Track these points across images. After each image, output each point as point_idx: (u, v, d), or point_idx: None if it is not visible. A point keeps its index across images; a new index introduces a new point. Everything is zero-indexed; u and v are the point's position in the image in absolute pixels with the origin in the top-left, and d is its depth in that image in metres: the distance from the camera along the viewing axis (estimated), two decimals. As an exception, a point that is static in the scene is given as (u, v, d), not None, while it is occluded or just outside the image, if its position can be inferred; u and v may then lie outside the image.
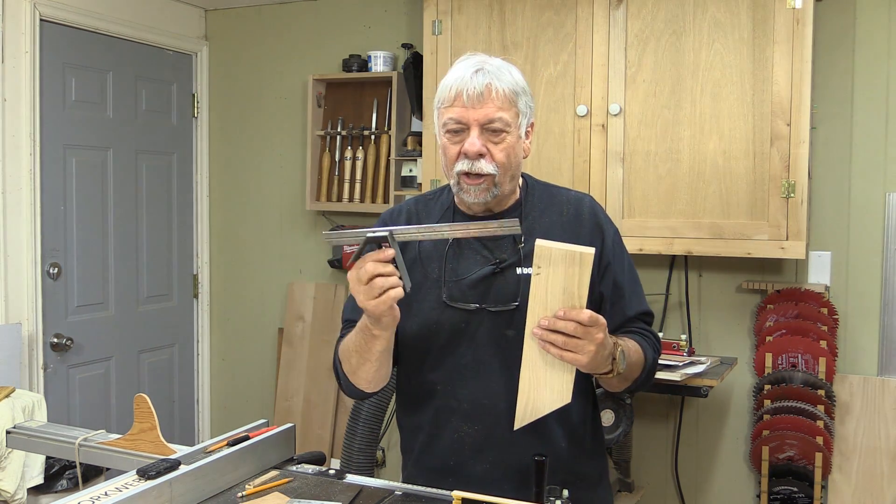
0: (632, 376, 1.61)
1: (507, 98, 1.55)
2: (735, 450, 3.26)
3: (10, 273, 3.25)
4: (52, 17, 3.37)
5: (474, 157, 1.54)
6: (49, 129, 3.39)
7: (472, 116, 1.54)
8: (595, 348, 1.41)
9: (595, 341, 1.41)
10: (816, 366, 2.96)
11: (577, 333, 1.39)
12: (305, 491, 1.56)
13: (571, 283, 1.39)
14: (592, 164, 2.97)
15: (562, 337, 1.40)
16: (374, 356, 1.54)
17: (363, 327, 1.51)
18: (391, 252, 1.40)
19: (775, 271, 3.15)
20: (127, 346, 3.83)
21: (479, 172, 1.55)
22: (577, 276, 1.39)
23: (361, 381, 1.61)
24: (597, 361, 1.44)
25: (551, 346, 1.41)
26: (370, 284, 1.40)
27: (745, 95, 2.78)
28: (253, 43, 4.09)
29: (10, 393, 2.84)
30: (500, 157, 1.56)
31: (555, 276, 1.39)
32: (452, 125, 1.56)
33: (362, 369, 1.57)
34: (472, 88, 1.53)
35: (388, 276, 1.39)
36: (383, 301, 1.40)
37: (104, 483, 1.46)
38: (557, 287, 1.40)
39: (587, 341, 1.40)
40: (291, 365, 3.97)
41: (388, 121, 3.69)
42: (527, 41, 3.05)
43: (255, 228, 4.13)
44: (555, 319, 1.39)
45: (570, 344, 1.40)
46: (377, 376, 1.59)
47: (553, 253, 1.38)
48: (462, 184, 1.58)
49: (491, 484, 1.54)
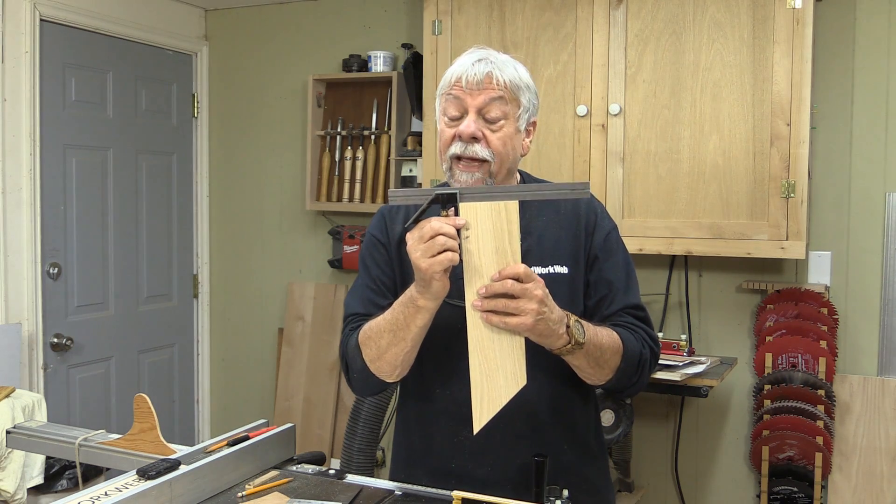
0: (605, 360, 1.52)
1: (508, 87, 1.53)
2: (735, 450, 3.26)
3: (10, 273, 3.25)
4: (52, 17, 3.37)
5: (468, 139, 1.51)
6: (49, 129, 3.39)
7: (470, 101, 1.52)
8: (537, 306, 1.34)
9: (534, 298, 1.34)
10: (816, 366, 2.96)
11: (515, 291, 1.34)
12: (305, 491, 1.56)
13: (502, 241, 1.35)
14: (592, 164, 2.97)
15: (502, 300, 1.34)
16: (411, 333, 1.46)
17: (406, 301, 1.45)
18: (462, 221, 1.35)
19: (775, 271, 3.15)
20: (127, 346, 3.83)
21: (472, 156, 1.52)
22: (507, 231, 1.35)
23: (387, 365, 1.53)
24: (546, 326, 1.38)
25: (493, 314, 1.35)
26: (431, 241, 1.34)
27: (745, 95, 2.78)
28: (253, 43, 4.09)
29: (10, 393, 2.84)
30: (497, 145, 1.52)
31: (484, 234, 1.35)
32: (451, 110, 1.55)
33: (392, 350, 1.50)
34: (472, 75, 1.52)
35: (450, 238, 1.34)
36: (440, 261, 1.34)
37: (104, 483, 1.46)
38: (488, 247, 1.35)
39: (526, 299, 1.34)
40: (291, 365, 3.97)
41: (388, 121, 3.69)
42: (527, 41, 3.05)
43: (255, 228, 4.13)
44: (492, 284, 1.35)
45: (510, 306, 1.34)
46: (406, 359, 1.52)
47: (478, 209, 1.35)
48: (454, 169, 1.54)
49: (492, 487, 1.53)
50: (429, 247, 1.34)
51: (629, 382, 1.59)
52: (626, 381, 1.59)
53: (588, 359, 1.49)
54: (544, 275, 1.57)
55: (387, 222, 1.67)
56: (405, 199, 1.44)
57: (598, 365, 1.52)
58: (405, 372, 1.57)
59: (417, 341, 1.50)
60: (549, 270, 1.59)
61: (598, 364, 1.52)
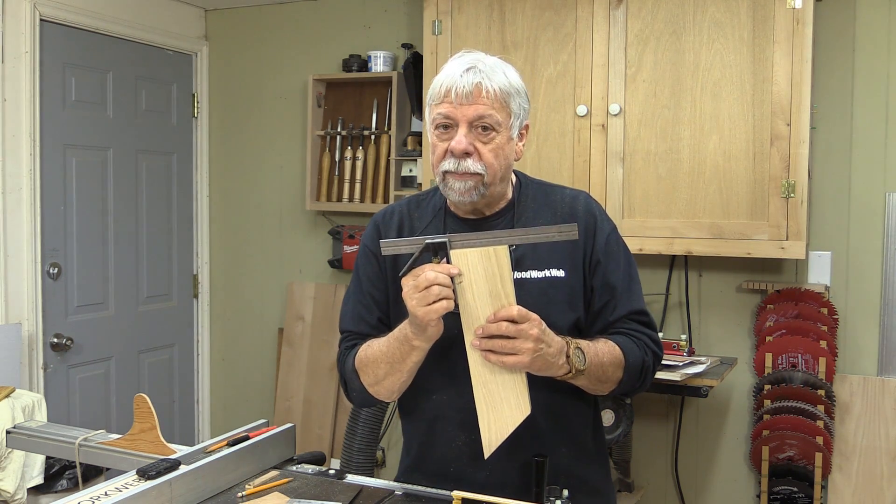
0: (607, 376, 1.55)
1: (498, 98, 1.52)
2: (735, 450, 3.26)
3: (10, 273, 3.25)
4: (52, 17, 3.37)
5: (460, 155, 1.51)
6: (49, 129, 3.39)
7: (461, 114, 1.51)
8: (533, 345, 1.38)
9: (530, 337, 1.38)
10: (816, 366, 2.96)
11: (511, 332, 1.38)
12: (305, 491, 1.56)
13: (495, 284, 1.39)
14: (592, 164, 2.97)
15: (499, 341, 1.38)
16: (407, 367, 1.52)
17: (402, 338, 1.49)
18: (456, 269, 1.39)
19: (775, 271, 3.15)
20: (127, 346, 3.83)
21: (465, 172, 1.51)
22: (498, 275, 1.38)
23: (384, 391, 1.59)
24: (544, 361, 1.41)
25: (491, 353, 1.39)
26: (427, 291, 1.38)
27: (745, 95, 2.78)
28: (253, 43, 4.09)
29: (10, 393, 2.84)
30: (489, 158, 1.52)
31: (477, 279, 1.39)
32: (441, 120, 1.53)
33: (389, 380, 1.55)
34: (462, 87, 1.50)
35: (444, 287, 1.38)
36: (435, 309, 1.38)
37: (104, 483, 1.46)
38: (483, 291, 1.39)
39: (522, 339, 1.38)
40: (291, 365, 3.97)
41: (388, 121, 3.69)
42: (527, 41, 3.05)
43: (255, 228, 4.13)
44: (488, 325, 1.38)
45: (507, 346, 1.38)
46: (402, 387, 1.58)
47: (469, 256, 1.39)
48: (447, 180, 1.54)
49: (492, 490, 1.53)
50: (424, 296, 1.38)
51: (631, 389, 1.64)
52: (629, 388, 1.63)
53: (590, 379, 1.53)
54: (541, 279, 1.58)
55: (381, 232, 1.68)
56: (396, 249, 1.46)
57: (601, 381, 1.56)
58: (399, 395, 1.63)
59: (413, 371, 1.55)
60: (546, 274, 1.59)
61: (601, 381, 1.56)
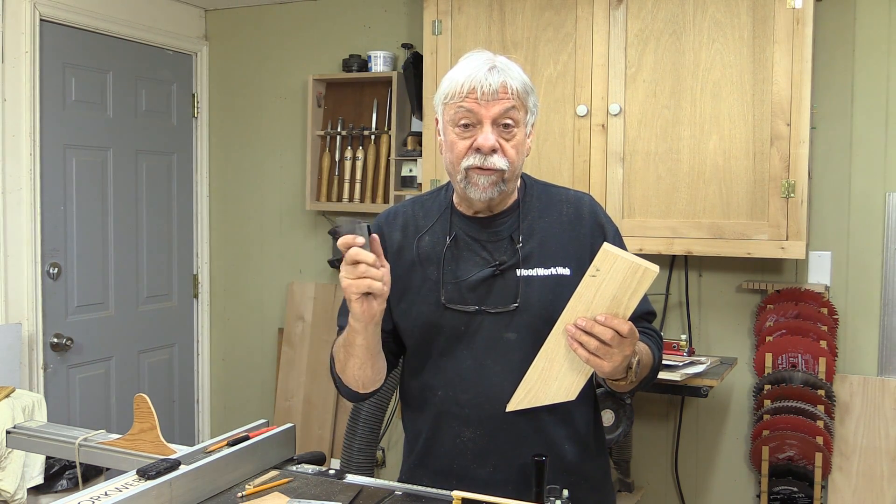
0: (640, 377, 1.59)
1: (519, 95, 1.55)
2: (735, 450, 3.26)
3: (10, 273, 3.25)
4: (52, 17, 3.37)
5: (488, 151, 1.53)
6: (49, 129, 3.39)
7: (486, 112, 1.53)
8: (620, 360, 1.41)
9: (625, 353, 1.41)
10: (816, 366, 2.96)
11: (612, 342, 1.38)
12: (305, 491, 1.56)
13: (624, 293, 1.37)
14: (592, 165, 2.97)
15: (595, 342, 1.39)
16: (357, 350, 1.53)
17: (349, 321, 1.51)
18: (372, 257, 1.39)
19: (775, 271, 3.15)
20: (127, 346, 3.83)
21: (491, 167, 1.54)
22: (633, 289, 1.37)
23: (350, 378, 1.60)
24: (615, 371, 1.44)
25: (581, 347, 1.40)
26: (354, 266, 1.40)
27: (745, 95, 2.78)
28: (253, 43, 4.09)
29: (10, 393, 2.84)
30: (511, 154, 1.55)
31: (610, 282, 1.37)
32: (464, 115, 1.54)
33: (348, 365, 1.57)
34: (488, 85, 1.52)
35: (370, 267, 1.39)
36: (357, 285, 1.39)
37: (104, 483, 1.46)
38: (608, 293, 1.37)
39: (618, 351, 1.40)
40: (291, 365, 3.97)
41: (388, 121, 3.69)
42: (527, 41, 3.05)
43: (255, 228, 4.13)
44: (593, 323, 1.38)
45: (601, 350, 1.39)
46: (362, 375, 1.58)
47: (617, 261, 1.36)
48: (471, 176, 1.55)
49: (494, 488, 1.53)
50: (350, 270, 1.40)
51: (643, 386, 1.67)
52: (642, 386, 1.66)
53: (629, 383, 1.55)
54: (547, 276, 1.59)
55: (384, 231, 1.69)
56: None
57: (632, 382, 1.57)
58: (373, 386, 1.62)
59: (366, 359, 1.55)
60: (552, 272, 1.60)
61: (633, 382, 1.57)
